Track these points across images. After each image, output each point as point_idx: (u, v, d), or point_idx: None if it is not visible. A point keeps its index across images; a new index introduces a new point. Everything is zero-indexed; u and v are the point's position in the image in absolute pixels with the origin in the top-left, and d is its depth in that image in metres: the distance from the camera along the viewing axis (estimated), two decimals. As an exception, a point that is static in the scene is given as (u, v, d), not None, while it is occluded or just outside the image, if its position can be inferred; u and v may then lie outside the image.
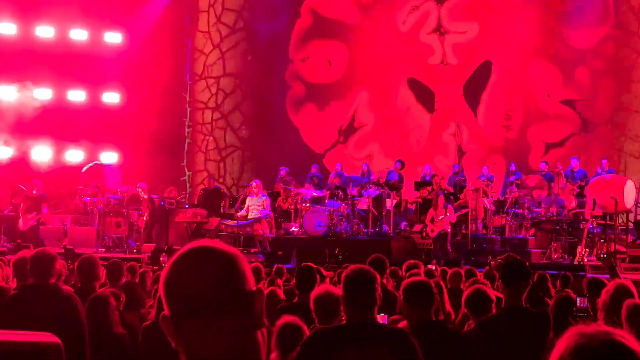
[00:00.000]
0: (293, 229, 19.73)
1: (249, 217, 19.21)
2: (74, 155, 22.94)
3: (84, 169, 21.47)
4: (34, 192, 19.09)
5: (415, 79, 24.42)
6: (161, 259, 15.46)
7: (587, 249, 16.86)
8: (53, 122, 22.23)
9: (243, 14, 25.72)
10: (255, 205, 19.32)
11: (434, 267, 12.42)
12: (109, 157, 23.35)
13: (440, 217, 18.19)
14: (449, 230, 18.32)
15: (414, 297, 5.50)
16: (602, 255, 15.89)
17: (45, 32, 22.47)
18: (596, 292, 7.26)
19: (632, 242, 17.91)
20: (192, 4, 25.75)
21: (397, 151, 23.45)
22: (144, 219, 19.65)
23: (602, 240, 16.54)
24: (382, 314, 6.10)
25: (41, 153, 22.33)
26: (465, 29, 23.99)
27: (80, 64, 22.75)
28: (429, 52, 24.27)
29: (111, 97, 23.73)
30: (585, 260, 16.49)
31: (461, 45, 24.00)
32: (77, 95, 23.05)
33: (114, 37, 23.66)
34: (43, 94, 22.32)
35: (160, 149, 23.47)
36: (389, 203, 20.19)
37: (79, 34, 22.99)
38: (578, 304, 7.90)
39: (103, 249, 18.94)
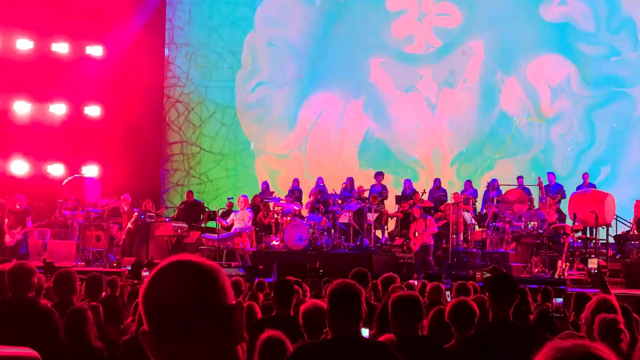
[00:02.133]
0: (274, 242, 19.71)
1: (231, 230, 19.25)
2: (54, 169, 22.84)
3: (65, 181, 21.35)
4: (17, 206, 18.97)
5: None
6: (143, 273, 15.37)
7: (568, 263, 16.92)
8: (34, 135, 22.13)
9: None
10: (239, 219, 19.32)
11: (415, 282, 12.38)
12: (90, 170, 23.25)
13: (421, 230, 18.19)
14: (431, 243, 18.34)
15: (402, 311, 5.49)
16: (593, 272, 15.91)
17: (25, 45, 22.37)
18: (581, 308, 7.29)
19: (612, 256, 17.99)
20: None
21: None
22: (129, 227, 19.59)
23: (592, 256, 16.57)
24: (364, 328, 6.09)
25: (21, 166, 22.22)
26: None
27: (61, 77, 22.67)
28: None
29: (92, 111, 23.65)
30: (566, 274, 16.54)
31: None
32: (58, 108, 22.96)
33: (95, 51, 23.60)
34: (23, 107, 22.24)
35: (140, 162, 23.44)
36: (370, 217, 20.21)
37: (60, 47, 22.91)
38: (554, 304, 7.92)
39: (83, 263, 18.84)
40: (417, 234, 18.30)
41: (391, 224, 21.52)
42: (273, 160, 25.48)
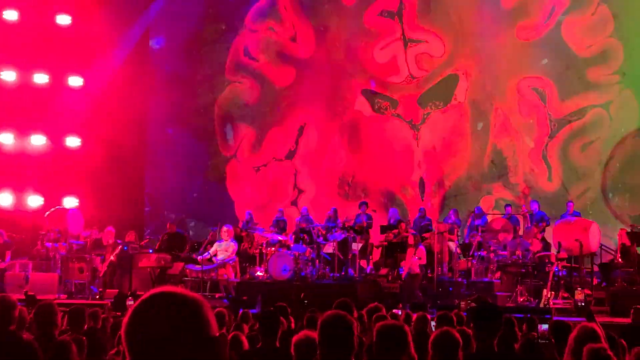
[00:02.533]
0: (258, 273, 19.62)
1: (214, 261, 19.11)
2: (34, 201, 22.68)
3: (47, 213, 21.23)
4: (-2, 240, 18.90)
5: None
6: (127, 303, 15.29)
7: (553, 292, 16.92)
8: (14, 167, 22.02)
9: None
10: (222, 250, 19.21)
11: (399, 312, 12.35)
12: (71, 202, 23.10)
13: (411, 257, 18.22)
14: (419, 272, 18.33)
15: (387, 340, 5.45)
16: (580, 304, 15.94)
17: (7, 76, 22.31)
18: (562, 336, 7.28)
19: (597, 284, 18.01)
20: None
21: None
22: (111, 259, 19.45)
23: (579, 289, 16.60)
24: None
25: (4, 199, 22.09)
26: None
27: (41, 108, 22.57)
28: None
29: (72, 142, 23.52)
30: (551, 303, 16.54)
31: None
32: (37, 140, 22.81)
33: (75, 81, 23.51)
34: (4, 138, 22.15)
35: (121, 193, 23.34)
36: (355, 247, 20.19)
37: (40, 78, 22.83)
38: (539, 330, 7.90)
39: (65, 295, 18.70)
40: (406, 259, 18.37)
41: (376, 254, 21.48)
42: (256, 186, 25.47)
